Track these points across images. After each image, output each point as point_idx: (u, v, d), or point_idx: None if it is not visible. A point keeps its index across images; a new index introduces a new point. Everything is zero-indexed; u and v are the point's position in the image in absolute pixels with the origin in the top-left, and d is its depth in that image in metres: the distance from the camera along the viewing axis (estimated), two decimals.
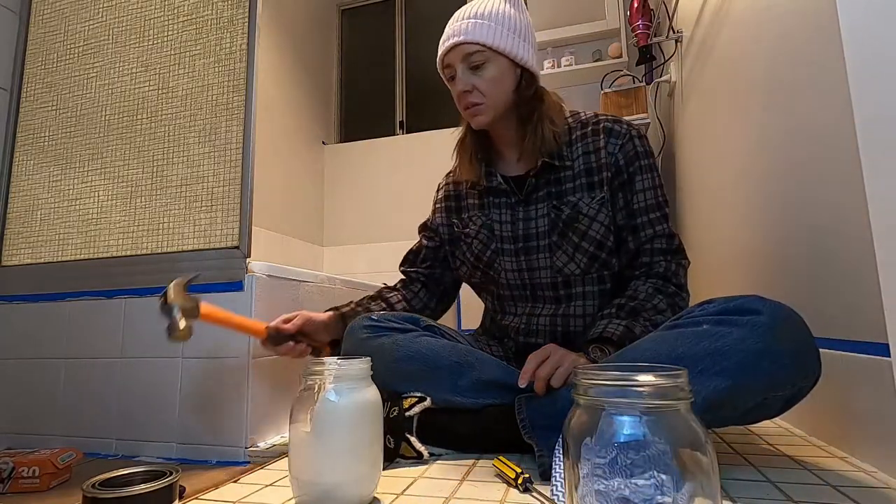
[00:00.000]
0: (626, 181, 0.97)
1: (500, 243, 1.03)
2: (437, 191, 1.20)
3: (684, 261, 0.97)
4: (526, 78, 0.99)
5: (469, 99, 0.98)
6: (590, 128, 1.01)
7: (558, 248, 0.98)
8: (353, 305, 1.09)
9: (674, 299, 0.92)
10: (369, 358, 0.70)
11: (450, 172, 1.18)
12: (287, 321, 0.98)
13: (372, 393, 0.68)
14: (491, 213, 1.05)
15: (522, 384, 0.81)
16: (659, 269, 0.93)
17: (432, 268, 1.17)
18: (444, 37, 1.00)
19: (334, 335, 1.03)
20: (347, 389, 0.65)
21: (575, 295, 1.00)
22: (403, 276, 1.21)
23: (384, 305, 1.11)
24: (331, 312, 1.04)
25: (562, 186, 0.99)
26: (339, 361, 0.67)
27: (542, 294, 1.02)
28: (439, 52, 1.01)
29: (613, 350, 0.84)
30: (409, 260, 1.20)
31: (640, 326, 0.87)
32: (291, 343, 0.97)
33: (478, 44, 0.95)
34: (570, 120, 1.04)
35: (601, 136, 0.99)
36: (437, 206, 1.18)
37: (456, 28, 0.98)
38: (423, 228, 1.21)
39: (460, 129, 1.11)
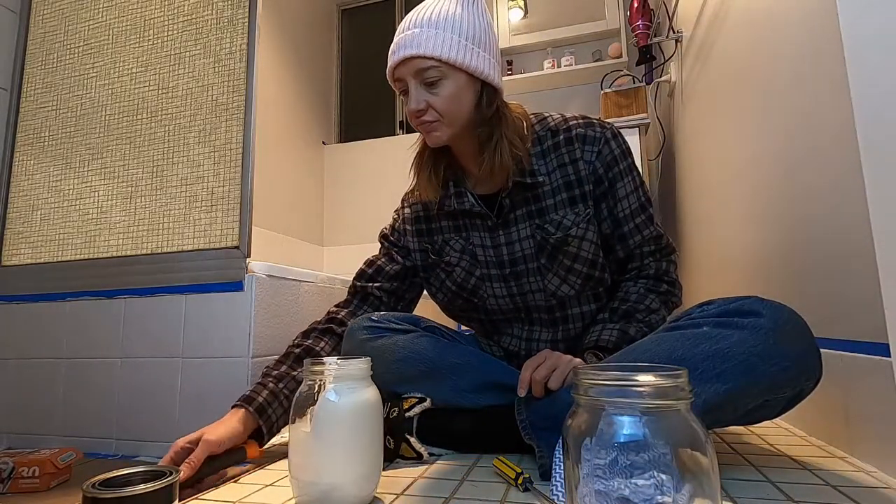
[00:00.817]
0: (608, 189, 0.92)
1: (485, 269, 0.96)
2: (403, 206, 1.07)
3: (673, 256, 0.95)
4: (487, 93, 0.89)
5: (423, 118, 0.87)
6: (561, 136, 0.93)
7: (548, 271, 0.93)
8: (270, 387, 0.89)
9: (667, 297, 0.92)
10: (369, 358, 0.70)
11: (415, 189, 1.05)
12: (181, 457, 0.77)
13: (372, 393, 0.68)
14: (471, 237, 0.97)
15: (521, 394, 0.80)
16: (649, 271, 0.93)
17: (400, 286, 1.06)
18: (393, 45, 0.88)
19: (253, 432, 0.86)
20: (347, 389, 0.65)
21: (572, 317, 0.97)
22: (357, 292, 1.06)
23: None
24: (241, 412, 0.84)
25: (541, 203, 0.92)
26: (338, 361, 0.67)
27: (537, 316, 0.98)
28: (389, 63, 0.88)
29: (609, 356, 0.84)
30: (369, 275, 1.06)
31: (634, 328, 0.87)
32: (210, 477, 0.78)
33: (432, 58, 0.84)
34: (537, 127, 0.95)
35: (576, 145, 0.92)
36: (407, 226, 1.05)
37: (407, 38, 0.86)
38: (392, 245, 1.07)
39: (417, 141, 0.99)
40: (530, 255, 0.94)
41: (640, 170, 1.20)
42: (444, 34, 0.85)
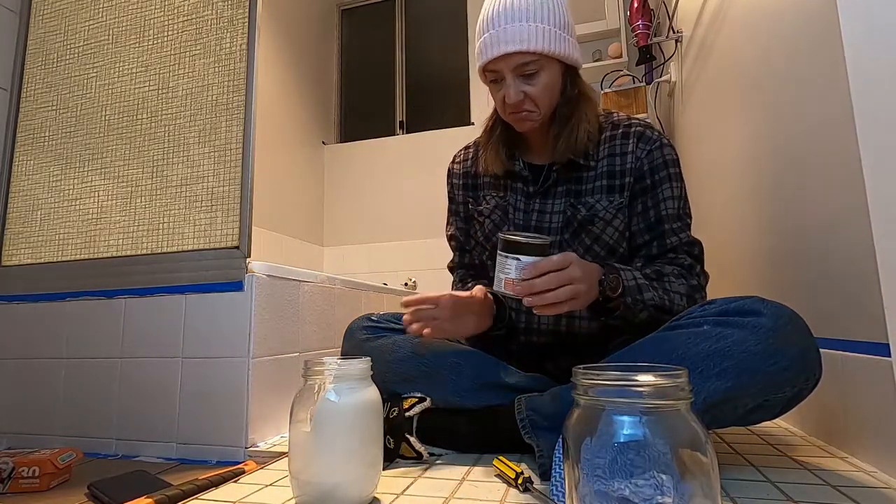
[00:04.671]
0: (649, 187, 0.92)
1: (511, 226, 0.99)
2: (454, 162, 1.12)
3: (705, 271, 0.92)
4: (571, 76, 0.93)
5: (520, 109, 0.90)
6: (620, 130, 0.96)
7: (568, 247, 0.94)
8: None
9: (692, 291, 0.88)
10: (369, 358, 0.70)
11: (468, 147, 1.11)
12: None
13: (372, 393, 0.68)
14: (507, 196, 1.00)
15: (524, 299, 0.72)
16: (684, 262, 0.90)
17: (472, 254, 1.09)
18: (489, 39, 0.88)
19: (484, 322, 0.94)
20: (347, 389, 0.65)
21: None
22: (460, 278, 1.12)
23: None
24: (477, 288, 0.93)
25: (581, 186, 0.95)
26: (339, 361, 0.67)
27: None
28: (484, 57, 0.89)
29: (618, 289, 0.79)
30: (466, 250, 1.11)
31: (656, 293, 0.83)
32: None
33: (533, 53, 0.86)
34: (601, 119, 0.98)
35: (630, 140, 0.94)
36: (455, 180, 1.11)
37: (507, 33, 0.86)
38: (452, 212, 1.12)
39: (489, 114, 1.03)
40: (556, 228, 0.95)
41: None
42: (541, 26, 0.86)
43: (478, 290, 0.92)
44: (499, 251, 0.74)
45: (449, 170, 1.13)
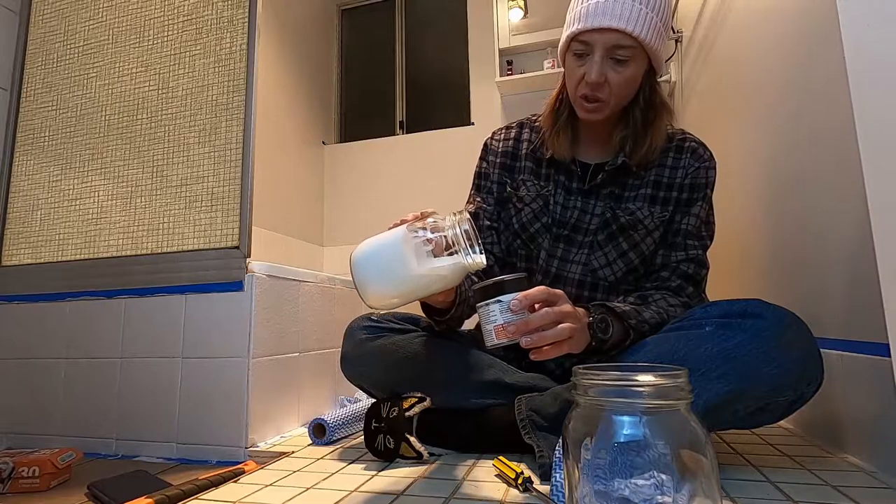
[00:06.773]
0: (684, 202, 0.91)
1: (550, 218, 0.95)
2: (493, 138, 1.05)
3: (703, 294, 0.92)
4: (652, 80, 0.89)
5: (595, 93, 0.84)
6: (674, 143, 0.93)
7: (599, 249, 0.93)
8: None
9: (676, 312, 0.87)
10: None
11: (510, 126, 1.05)
12: None
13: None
14: (549, 186, 0.96)
15: (520, 340, 0.65)
16: (671, 284, 0.90)
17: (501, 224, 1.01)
18: (593, 7, 0.81)
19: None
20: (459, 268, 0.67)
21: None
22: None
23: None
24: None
25: (624, 192, 0.92)
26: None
27: (561, 287, 0.92)
28: (581, 24, 0.82)
29: (614, 320, 0.78)
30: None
31: (649, 312, 0.83)
32: None
33: (636, 38, 0.80)
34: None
35: (684, 155, 0.92)
36: (492, 156, 1.03)
37: (617, 6, 0.79)
38: (480, 188, 1.03)
39: (553, 93, 0.98)
40: (592, 229, 0.93)
41: None
42: (650, 14, 0.80)
43: None
44: (478, 306, 0.69)
45: (486, 145, 1.05)
